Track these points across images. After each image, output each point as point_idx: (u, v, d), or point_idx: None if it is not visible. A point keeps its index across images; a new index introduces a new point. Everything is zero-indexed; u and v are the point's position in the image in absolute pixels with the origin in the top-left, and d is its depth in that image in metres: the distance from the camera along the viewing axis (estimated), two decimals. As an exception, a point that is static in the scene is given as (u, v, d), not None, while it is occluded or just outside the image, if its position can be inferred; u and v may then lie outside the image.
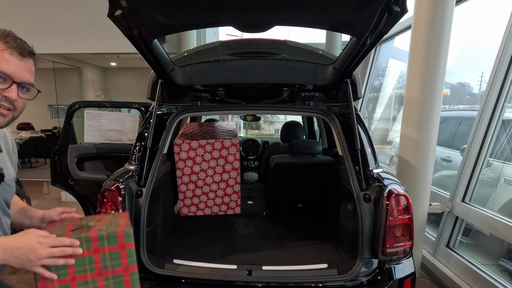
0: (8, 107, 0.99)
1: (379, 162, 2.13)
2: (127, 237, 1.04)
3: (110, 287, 1.04)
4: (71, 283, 1.00)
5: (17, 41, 1.00)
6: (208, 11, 1.58)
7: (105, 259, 1.02)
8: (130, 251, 1.05)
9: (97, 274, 1.02)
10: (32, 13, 7.47)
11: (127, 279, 1.05)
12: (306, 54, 2.36)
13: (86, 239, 1.00)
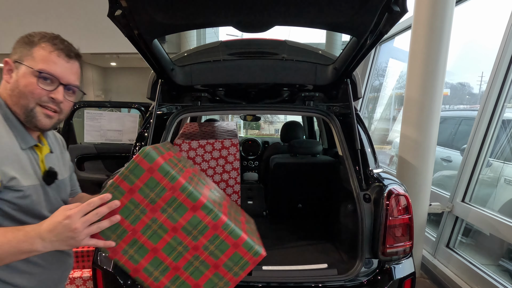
0: (55, 109, 0.99)
1: (379, 162, 2.13)
2: (148, 158, 0.89)
3: (173, 216, 0.91)
4: (136, 235, 0.90)
5: (64, 43, 1.00)
6: (208, 11, 1.58)
7: (146, 193, 0.90)
8: (162, 169, 0.90)
9: (151, 212, 0.91)
10: (32, 13, 7.47)
11: (182, 198, 0.91)
12: (306, 54, 2.36)
13: (114, 187, 0.89)
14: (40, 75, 0.94)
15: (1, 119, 0.95)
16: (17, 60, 0.97)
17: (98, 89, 12.70)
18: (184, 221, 0.91)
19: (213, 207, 0.93)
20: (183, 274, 0.93)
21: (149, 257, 0.91)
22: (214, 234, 0.93)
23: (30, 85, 0.95)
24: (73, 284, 2.58)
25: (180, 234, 0.91)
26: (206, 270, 0.93)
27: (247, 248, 0.94)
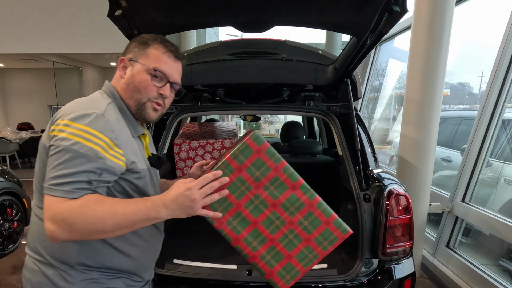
0: (160, 104, 1.12)
1: (379, 162, 2.13)
2: (257, 141, 1.00)
3: (274, 193, 1.02)
4: (240, 209, 1.01)
5: (173, 46, 1.13)
6: (208, 11, 1.58)
7: (253, 171, 1.00)
8: (269, 151, 1.01)
9: (256, 189, 1.01)
10: (33, 13, 7.47)
11: (283, 177, 1.03)
12: (306, 54, 2.36)
13: (225, 165, 0.99)
14: (154, 73, 1.07)
15: (117, 110, 1.07)
16: (131, 59, 1.09)
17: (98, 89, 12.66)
18: (283, 198, 1.03)
19: (309, 187, 1.08)
20: (278, 245, 1.05)
21: (249, 229, 1.03)
22: (309, 211, 1.06)
23: (144, 81, 1.07)
24: (73, 284, 2.57)
25: (278, 209, 1.03)
26: (299, 243, 1.06)
27: (337, 225, 1.09)
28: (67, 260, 1.01)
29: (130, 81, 1.08)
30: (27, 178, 7.36)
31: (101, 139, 0.94)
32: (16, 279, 3.17)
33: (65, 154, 0.90)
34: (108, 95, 1.10)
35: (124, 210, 0.92)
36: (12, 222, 3.72)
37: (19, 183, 3.88)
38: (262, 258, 1.04)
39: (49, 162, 0.93)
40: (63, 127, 0.94)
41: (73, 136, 0.92)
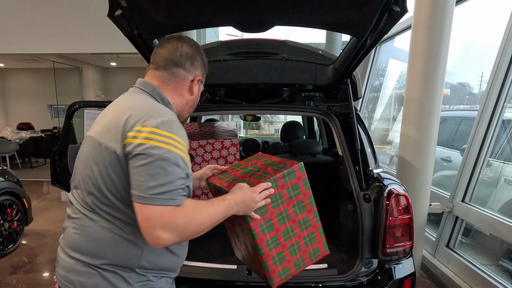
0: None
1: (379, 162, 2.13)
2: (301, 170, 1.27)
3: (297, 212, 1.28)
4: (271, 217, 1.24)
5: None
6: (208, 11, 1.58)
7: (290, 191, 1.26)
8: (305, 180, 1.28)
9: (286, 205, 1.26)
10: (33, 13, 7.46)
11: (306, 202, 1.30)
12: (306, 54, 2.36)
13: (274, 180, 1.22)
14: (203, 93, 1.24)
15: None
16: (201, 80, 1.24)
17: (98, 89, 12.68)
18: (301, 217, 1.30)
19: (318, 213, 1.34)
20: (286, 251, 1.29)
21: (272, 234, 1.26)
22: (312, 231, 1.33)
23: (197, 100, 1.26)
24: (73, 284, 2.57)
25: (295, 224, 1.29)
26: (298, 252, 1.32)
27: (324, 246, 1.38)
28: (131, 264, 1.03)
29: (195, 100, 1.25)
30: (27, 178, 7.38)
31: (183, 145, 1.00)
32: (16, 279, 3.17)
33: (161, 162, 0.92)
34: (158, 101, 1.12)
35: (215, 211, 1.04)
36: (12, 222, 3.72)
37: (19, 183, 3.88)
38: (272, 258, 1.27)
39: (140, 170, 0.92)
40: (150, 135, 0.93)
41: (164, 144, 0.93)
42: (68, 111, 3.32)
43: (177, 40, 1.18)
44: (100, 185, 1.00)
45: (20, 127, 10.34)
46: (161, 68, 1.16)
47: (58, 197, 6.13)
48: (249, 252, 1.39)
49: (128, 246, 1.03)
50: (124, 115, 1.00)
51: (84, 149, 1.09)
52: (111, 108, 1.12)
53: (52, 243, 3.99)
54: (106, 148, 0.99)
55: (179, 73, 1.16)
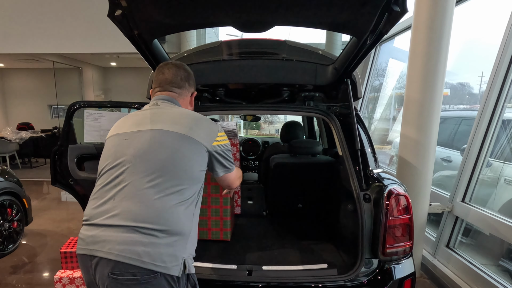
0: None
1: (379, 162, 2.13)
2: None
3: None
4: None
5: None
6: (208, 11, 1.58)
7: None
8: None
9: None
10: (33, 13, 7.47)
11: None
12: (306, 54, 2.36)
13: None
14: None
15: None
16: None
17: (98, 89, 12.69)
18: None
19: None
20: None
21: (232, 205, 1.92)
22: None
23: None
24: (73, 284, 2.57)
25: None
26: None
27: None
28: (188, 236, 1.31)
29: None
30: (27, 178, 7.38)
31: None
32: (16, 279, 3.17)
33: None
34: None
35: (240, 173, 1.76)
36: (12, 222, 3.72)
37: (19, 183, 3.88)
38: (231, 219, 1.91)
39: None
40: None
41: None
42: (68, 111, 3.32)
43: (174, 66, 1.55)
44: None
45: (20, 127, 10.34)
46: (169, 90, 1.53)
47: (58, 197, 6.13)
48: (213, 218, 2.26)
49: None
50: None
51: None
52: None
53: (52, 243, 3.99)
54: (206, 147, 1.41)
55: (183, 92, 1.55)
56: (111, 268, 1.18)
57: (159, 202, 1.24)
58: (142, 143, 1.32)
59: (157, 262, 1.18)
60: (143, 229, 1.19)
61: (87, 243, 1.23)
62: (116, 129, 1.45)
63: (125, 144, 1.34)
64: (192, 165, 1.33)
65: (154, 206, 1.23)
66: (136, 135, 1.35)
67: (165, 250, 1.21)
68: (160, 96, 1.51)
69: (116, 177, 1.29)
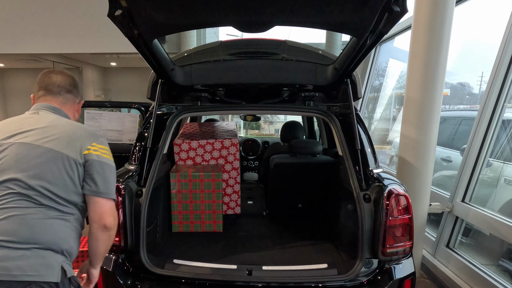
0: None
1: (379, 162, 2.13)
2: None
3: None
4: None
5: None
6: (208, 11, 1.58)
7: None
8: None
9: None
10: (33, 13, 7.47)
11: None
12: (306, 54, 2.36)
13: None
14: None
15: None
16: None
17: (98, 89, 12.69)
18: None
19: None
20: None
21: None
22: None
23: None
24: (73, 284, 2.57)
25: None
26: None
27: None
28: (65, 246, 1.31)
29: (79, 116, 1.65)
30: (27, 178, 7.35)
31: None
32: (16, 279, 3.16)
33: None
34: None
35: None
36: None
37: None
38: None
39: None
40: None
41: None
42: (68, 111, 3.32)
43: (61, 72, 1.55)
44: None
45: (20, 127, 10.32)
46: (56, 94, 1.50)
47: (58, 197, 6.11)
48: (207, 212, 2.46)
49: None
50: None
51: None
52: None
53: (52, 243, 3.98)
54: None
55: (70, 99, 1.54)
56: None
57: (29, 216, 1.22)
58: (10, 156, 1.28)
59: (29, 272, 1.18)
60: (11, 243, 1.19)
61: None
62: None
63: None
64: (63, 183, 1.29)
65: (23, 220, 1.21)
66: (5, 146, 1.30)
67: (37, 261, 1.20)
68: (42, 104, 1.46)
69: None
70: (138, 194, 1.89)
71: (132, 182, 1.90)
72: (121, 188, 1.79)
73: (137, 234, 1.83)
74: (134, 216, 1.84)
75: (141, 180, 1.95)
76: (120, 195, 1.78)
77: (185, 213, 2.50)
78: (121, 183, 1.81)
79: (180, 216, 2.51)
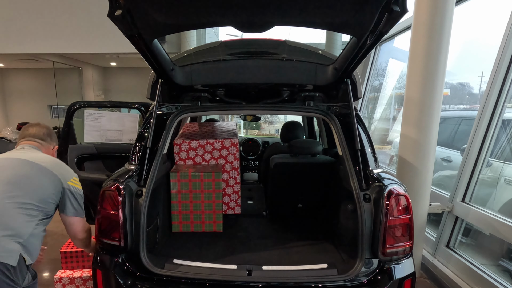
0: None
1: (379, 162, 2.13)
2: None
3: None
4: None
5: None
6: (208, 11, 1.58)
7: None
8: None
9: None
10: (33, 13, 7.47)
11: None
12: (306, 54, 2.36)
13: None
14: None
15: None
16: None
17: (98, 89, 12.69)
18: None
19: None
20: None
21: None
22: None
23: None
24: (73, 284, 2.58)
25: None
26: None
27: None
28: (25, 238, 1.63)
29: None
30: (27, 178, 7.35)
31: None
32: (16, 279, 3.17)
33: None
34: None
35: None
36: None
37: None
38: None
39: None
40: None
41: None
42: (68, 111, 3.33)
43: (38, 125, 2.00)
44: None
45: (20, 127, 10.34)
46: (32, 141, 1.93)
47: (58, 197, 6.13)
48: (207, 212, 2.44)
49: None
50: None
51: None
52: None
53: (52, 243, 3.99)
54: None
55: (45, 144, 1.97)
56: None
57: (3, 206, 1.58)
58: (5, 165, 1.71)
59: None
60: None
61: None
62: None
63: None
64: (44, 191, 1.70)
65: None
66: (2, 161, 1.75)
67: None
68: (25, 144, 1.90)
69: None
70: (138, 194, 1.89)
71: (132, 182, 1.90)
72: (121, 188, 1.79)
73: (137, 234, 1.83)
74: (134, 216, 1.84)
75: (141, 180, 1.95)
76: (120, 195, 1.78)
77: (185, 213, 2.51)
78: (121, 183, 1.82)
79: (180, 216, 2.51)
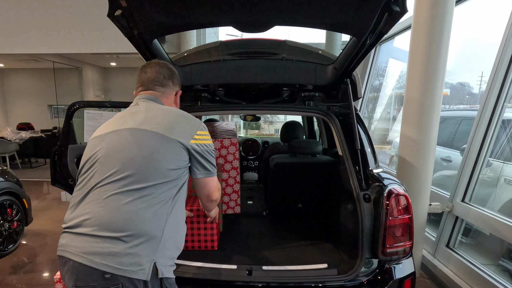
0: None
1: (379, 162, 2.13)
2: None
3: None
4: None
5: None
6: (208, 11, 1.58)
7: None
8: None
9: None
10: (33, 13, 7.47)
11: None
12: (306, 54, 2.36)
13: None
14: None
15: None
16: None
17: (98, 89, 12.69)
18: None
19: None
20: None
21: None
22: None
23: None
24: (73, 284, 2.57)
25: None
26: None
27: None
28: (160, 238, 1.31)
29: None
30: (27, 178, 7.37)
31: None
32: (16, 279, 3.17)
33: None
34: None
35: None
36: (12, 222, 3.72)
37: (19, 183, 3.88)
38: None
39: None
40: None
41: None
42: (68, 111, 3.31)
43: (157, 65, 1.54)
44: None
45: (20, 127, 10.34)
46: (151, 88, 1.53)
47: (58, 197, 6.13)
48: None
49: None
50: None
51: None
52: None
53: (52, 243, 3.99)
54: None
55: (166, 91, 1.54)
56: (74, 281, 1.24)
57: (123, 207, 1.21)
58: (113, 142, 1.31)
59: (117, 266, 1.17)
60: (104, 238, 1.18)
61: (60, 251, 1.29)
62: (96, 132, 1.44)
63: (99, 146, 1.33)
64: (164, 163, 1.28)
65: (118, 211, 1.20)
66: (109, 136, 1.34)
67: (126, 256, 1.18)
68: (141, 96, 1.51)
69: (88, 180, 1.28)
70: None
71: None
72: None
73: None
74: None
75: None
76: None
77: None
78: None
79: None
